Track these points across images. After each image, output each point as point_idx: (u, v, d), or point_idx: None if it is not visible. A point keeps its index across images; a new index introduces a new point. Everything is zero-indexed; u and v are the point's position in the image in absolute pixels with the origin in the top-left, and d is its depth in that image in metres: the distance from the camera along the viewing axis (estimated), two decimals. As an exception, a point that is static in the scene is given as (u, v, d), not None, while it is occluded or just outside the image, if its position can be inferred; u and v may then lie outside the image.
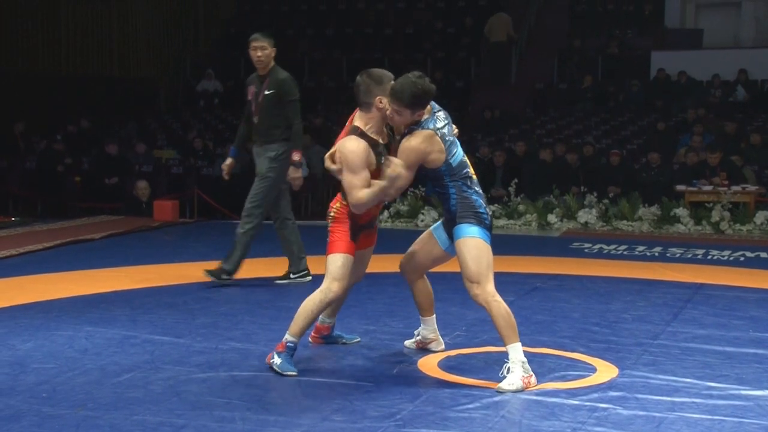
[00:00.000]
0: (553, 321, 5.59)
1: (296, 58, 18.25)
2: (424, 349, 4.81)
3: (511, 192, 10.90)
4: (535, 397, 4.01)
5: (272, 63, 6.63)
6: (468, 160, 4.46)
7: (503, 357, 4.69)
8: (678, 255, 8.44)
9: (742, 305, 6.13)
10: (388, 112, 4.32)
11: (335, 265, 4.42)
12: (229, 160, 6.84)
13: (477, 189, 4.41)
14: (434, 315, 4.80)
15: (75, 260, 7.78)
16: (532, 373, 4.18)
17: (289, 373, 4.33)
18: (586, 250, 8.73)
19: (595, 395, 4.06)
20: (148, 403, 3.90)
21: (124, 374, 4.32)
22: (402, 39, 18.33)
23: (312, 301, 4.42)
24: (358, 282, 4.92)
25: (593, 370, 4.49)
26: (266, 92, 6.54)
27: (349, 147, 4.35)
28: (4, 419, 3.70)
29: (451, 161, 4.31)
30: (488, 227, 4.38)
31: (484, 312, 5.77)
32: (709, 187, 10.61)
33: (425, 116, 4.30)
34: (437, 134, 4.26)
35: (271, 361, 4.43)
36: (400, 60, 17.62)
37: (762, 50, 16.33)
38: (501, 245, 9.14)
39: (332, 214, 4.50)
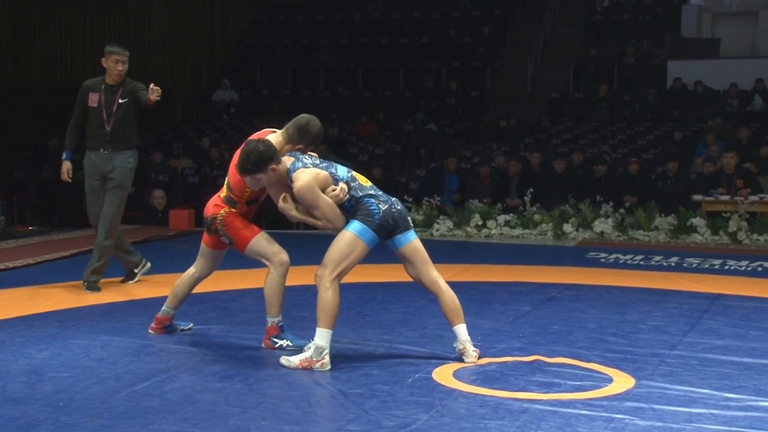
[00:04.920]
0: (569, 331, 5.56)
1: (311, 68, 18.33)
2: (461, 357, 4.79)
3: (526, 201, 10.87)
4: (551, 408, 3.99)
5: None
6: (355, 174, 4.81)
7: (519, 367, 4.69)
8: (695, 265, 8.39)
9: (760, 316, 6.08)
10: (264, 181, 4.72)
11: (261, 246, 4.95)
12: (67, 164, 6.96)
13: (371, 192, 4.71)
14: (459, 325, 4.78)
15: (91, 269, 7.80)
16: (323, 360, 4.53)
17: (306, 344, 4.69)
18: (602, 260, 8.70)
19: (612, 406, 4.04)
20: (164, 412, 3.91)
21: (140, 383, 4.34)
22: (417, 48, 18.36)
23: (273, 282, 4.92)
24: (204, 278, 5.34)
25: (609, 380, 4.46)
26: (121, 101, 6.82)
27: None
28: (22, 427, 3.71)
29: (339, 177, 4.68)
30: (378, 225, 4.62)
31: (499, 321, 5.81)
32: (726, 197, 10.56)
33: (288, 164, 4.68)
34: (306, 167, 4.65)
35: (278, 344, 4.94)
36: (416, 69, 17.68)
37: (780, 59, 16.28)
38: (516, 255, 9.21)
39: (219, 219, 4.95)
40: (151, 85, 6.54)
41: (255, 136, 4.90)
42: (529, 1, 19.44)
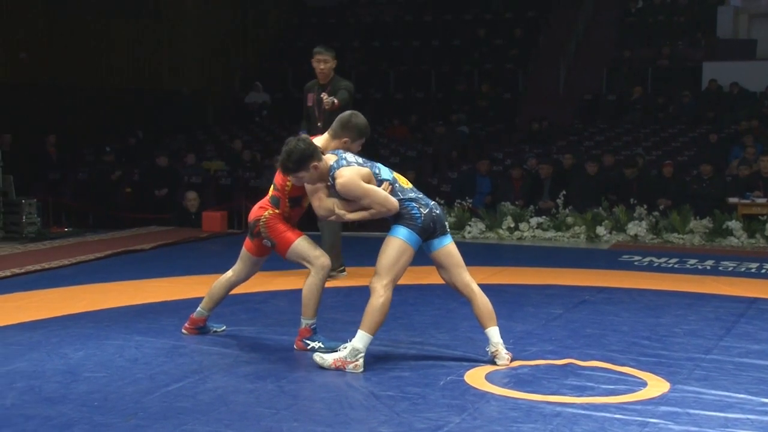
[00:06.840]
0: (603, 334, 5.52)
1: (343, 71, 18.32)
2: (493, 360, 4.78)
3: (559, 204, 10.81)
4: (584, 412, 3.96)
5: (332, 73, 7.36)
6: (398, 176, 4.87)
7: (552, 370, 4.66)
8: (731, 268, 8.29)
9: (797, 320, 5.99)
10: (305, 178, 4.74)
11: (302, 248, 4.97)
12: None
13: (411, 195, 4.76)
14: (492, 328, 4.76)
15: (125, 270, 7.89)
16: (357, 362, 4.55)
17: (338, 346, 4.78)
18: (635, 263, 8.63)
19: (646, 410, 4.00)
20: (197, 413, 3.93)
21: (174, 384, 4.36)
22: (449, 51, 18.32)
23: (313, 284, 4.94)
24: (242, 282, 5.35)
25: (644, 384, 4.42)
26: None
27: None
28: (57, 427, 3.75)
29: (382, 177, 4.73)
30: (421, 228, 4.66)
31: (531, 324, 5.77)
32: (763, 200, 10.43)
33: (330, 162, 4.69)
34: (350, 164, 4.68)
35: (309, 346, 4.96)
36: (448, 72, 17.65)
37: (816, 61, 16.06)
38: (549, 257, 9.16)
39: (262, 222, 4.98)
40: (323, 95, 7.02)
41: None
42: (562, 3, 19.33)
